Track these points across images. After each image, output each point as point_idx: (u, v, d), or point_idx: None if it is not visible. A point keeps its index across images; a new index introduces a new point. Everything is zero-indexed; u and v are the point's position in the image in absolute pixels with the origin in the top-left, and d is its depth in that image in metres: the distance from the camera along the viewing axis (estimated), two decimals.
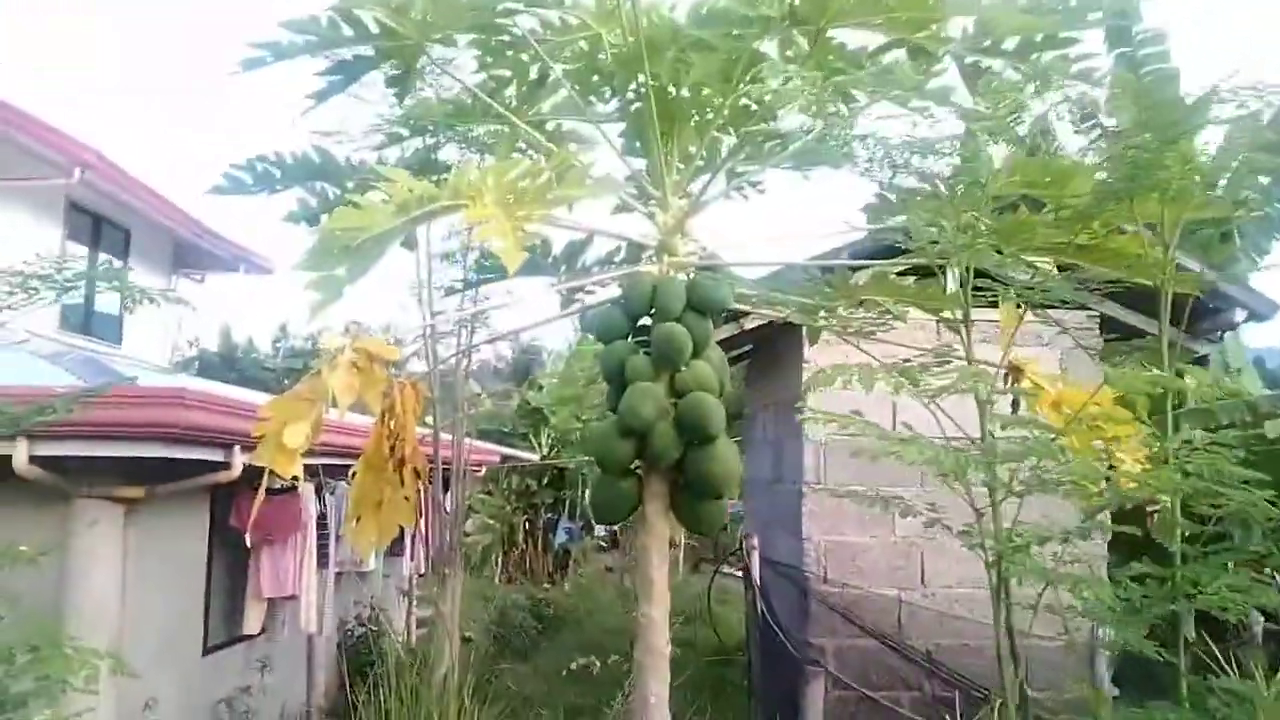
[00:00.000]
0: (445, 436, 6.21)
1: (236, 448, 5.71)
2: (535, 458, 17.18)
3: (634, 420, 2.49)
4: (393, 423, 3.04)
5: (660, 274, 2.73)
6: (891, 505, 2.30)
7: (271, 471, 2.40)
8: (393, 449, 3.06)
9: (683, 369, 2.63)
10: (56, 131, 9.32)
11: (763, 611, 5.37)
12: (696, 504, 2.61)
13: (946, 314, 3.49)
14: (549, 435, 20.17)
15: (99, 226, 11.69)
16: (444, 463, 6.38)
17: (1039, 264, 2.50)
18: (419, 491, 3.20)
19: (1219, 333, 5.92)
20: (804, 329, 5.58)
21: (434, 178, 2.54)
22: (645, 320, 2.79)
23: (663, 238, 2.75)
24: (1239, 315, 5.59)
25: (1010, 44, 2.64)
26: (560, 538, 19.26)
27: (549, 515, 19.78)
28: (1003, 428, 1.87)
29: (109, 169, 10.22)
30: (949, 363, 2.37)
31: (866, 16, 2.08)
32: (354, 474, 3.06)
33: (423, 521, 8.38)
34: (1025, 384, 2.55)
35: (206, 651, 6.78)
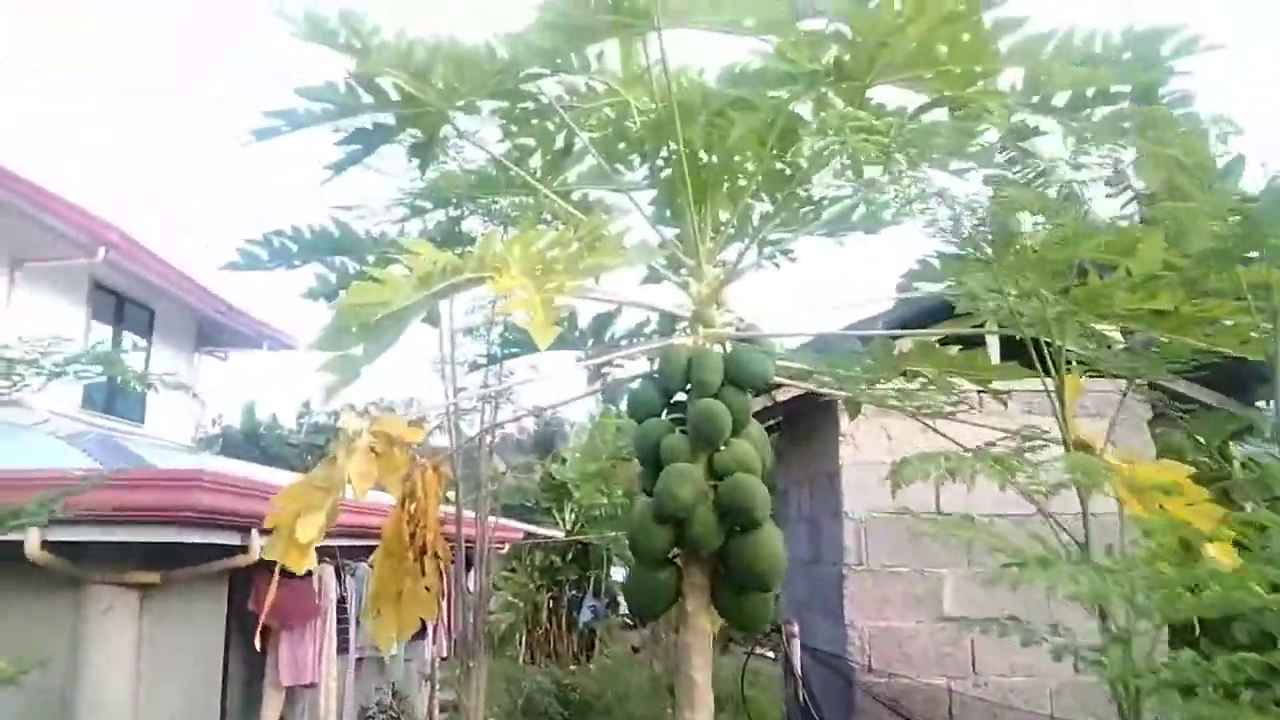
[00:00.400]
0: (468, 514, 6.03)
1: (254, 531, 5.54)
2: (559, 534, 16.91)
3: (671, 504, 2.31)
4: (413, 507, 2.88)
5: (696, 346, 2.57)
6: (1006, 629, 1.78)
7: None
8: (413, 536, 2.88)
9: (722, 448, 2.45)
10: (81, 211, 9.39)
11: (806, 703, 5.07)
12: (740, 597, 2.41)
13: (995, 386, 3.30)
14: (573, 510, 19.89)
15: (123, 306, 11.75)
16: (467, 541, 6.18)
17: (1107, 333, 2.33)
18: (441, 578, 3.02)
19: (1269, 401, 5.66)
20: (839, 401, 5.42)
21: (458, 250, 2.42)
22: (680, 396, 2.64)
23: (697, 308, 2.59)
24: None
25: (1060, 100, 2.51)
26: (585, 616, 18.90)
27: (573, 593, 19.42)
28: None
29: (133, 248, 10.28)
30: (1039, 446, 2.16)
31: (917, 70, 1.95)
32: (373, 562, 2.89)
33: (444, 603, 8.13)
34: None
35: None
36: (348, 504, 2.50)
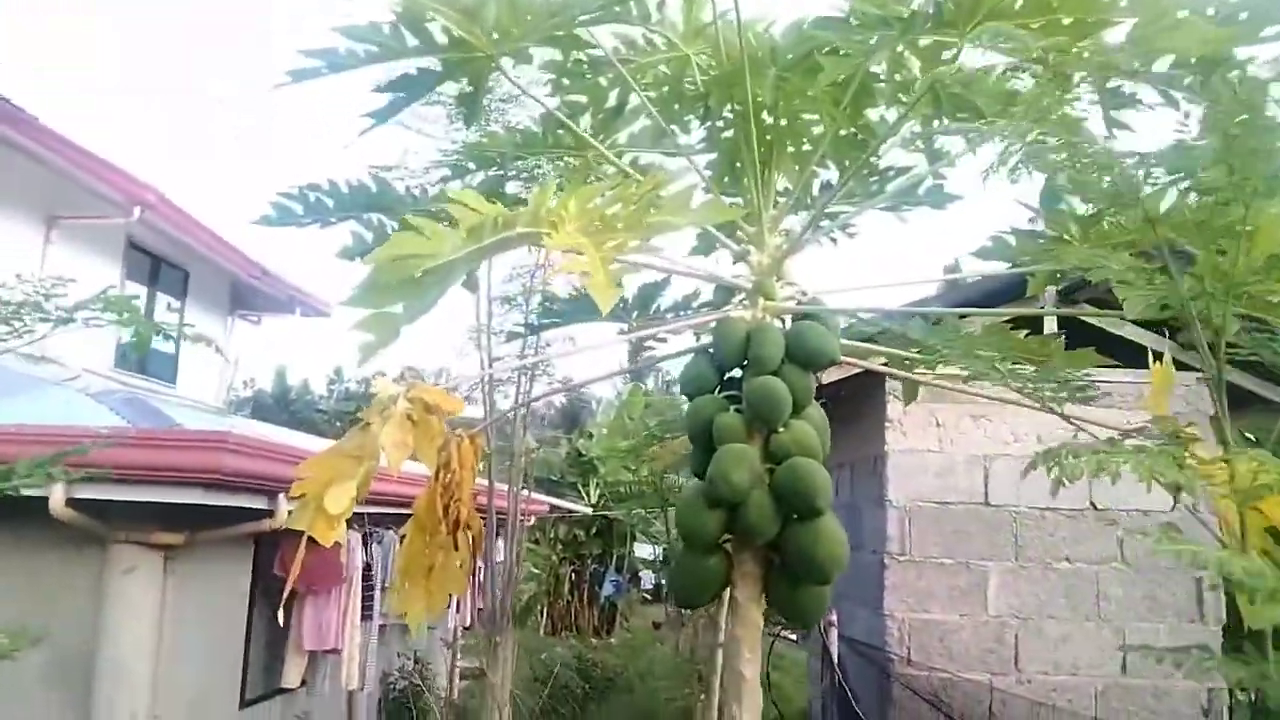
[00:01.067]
0: (500, 486, 5.93)
1: (281, 495, 5.46)
2: (586, 510, 16.88)
3: (725, 488, 2.14)
4: (448, 479, 2.74)
5: (755, 320, 2.39)
6: None
7: None
8: (446, 509, 2.74)
9: (780, 430, 2.28)
10: (118, 170, 9.32)
11: (843, 692, 4.91)
12: (795, 589, 2.24)
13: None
14: (598, 485, 19.92)
15: (158, 266, 11.71)
16: (497, 513, 6.09)
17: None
18: (473, 553, 2.88)
19: None
20: (887, 382, 5.23)
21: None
22: (736, 373, 2.47)
23: (758, 278, 2.41)
24: None
25: (1163, 65, 2.30)
26: (607, 590, 19.01)
27: (595, 566, 19.51)
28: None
29: (169, 209, 10.21)
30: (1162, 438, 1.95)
31: (1024, 19, 1.75)
32: (403, 535, 2.76)
33: (472, 574, 8.05)
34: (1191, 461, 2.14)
35: (243, 705, 6.49)
36: (378, 472, 2.38)
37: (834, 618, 5.49)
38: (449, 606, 9.04)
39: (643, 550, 21.51)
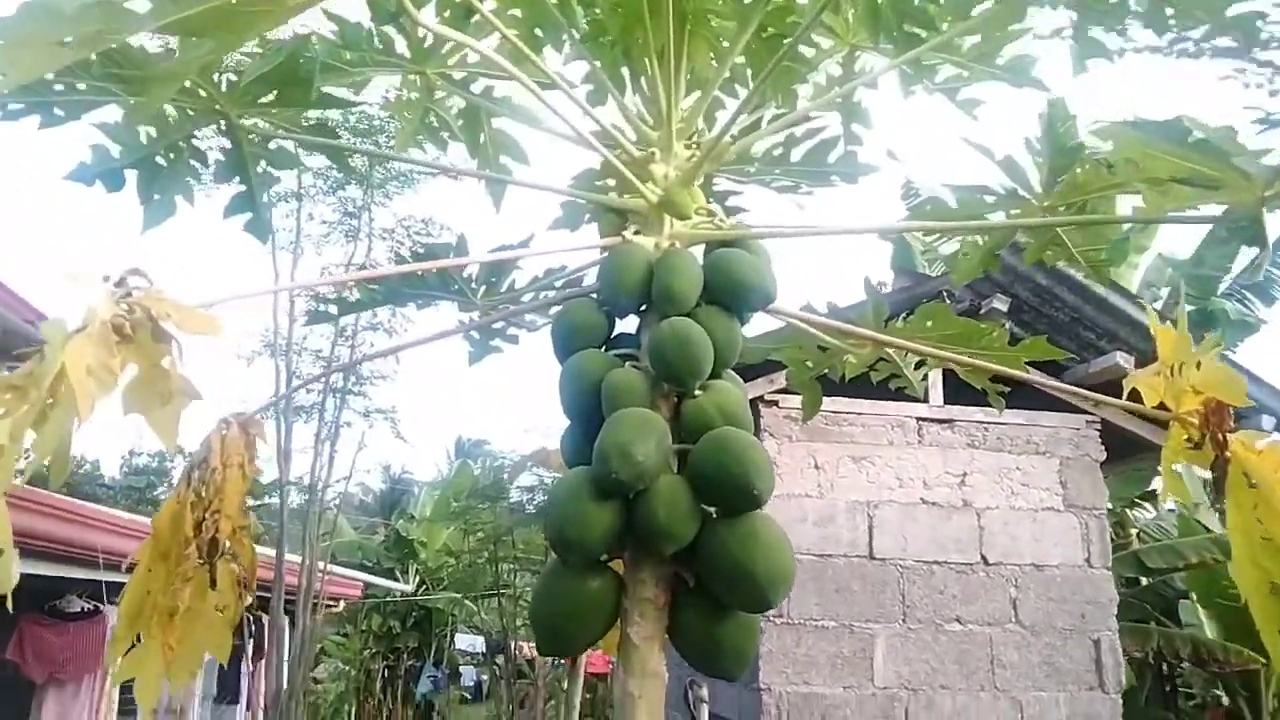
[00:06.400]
0: (292, 558, 4.96)
1: (15, 551, 4.31)
2: (405, 587, 15.68)
3: (623, 466, 1.44)
4: (204, 482, 1.90)
5: (660, 247, 1.73)
6: None
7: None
8: (199, 527, 1.89)
9: (697, 393, 1.61)
10: None
11: None
12: (717, 622, 1.54)
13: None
14: (418, 571, 18.84)
15: None
16: (288, 591, 5.10)
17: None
18: (240, 597, 2.02)
19: None
20: (762, 416, 4.66)
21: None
22: (630, 327, 1.80)
23: (664, 193, 1.76)
24: (1266, 422, 4.91)
25: None
26: (424, 687, 17.75)
27: (411, 662, 18.19)
28: None
29: None
30: None
31: None
32: (129, 566, 1.89)
33: (261, 663, 6.90)
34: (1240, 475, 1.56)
35: None
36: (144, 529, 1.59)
37: (704, 692, 4.75)
38: (237, 702, 7.75)
39: (463, 642, 20.16)
